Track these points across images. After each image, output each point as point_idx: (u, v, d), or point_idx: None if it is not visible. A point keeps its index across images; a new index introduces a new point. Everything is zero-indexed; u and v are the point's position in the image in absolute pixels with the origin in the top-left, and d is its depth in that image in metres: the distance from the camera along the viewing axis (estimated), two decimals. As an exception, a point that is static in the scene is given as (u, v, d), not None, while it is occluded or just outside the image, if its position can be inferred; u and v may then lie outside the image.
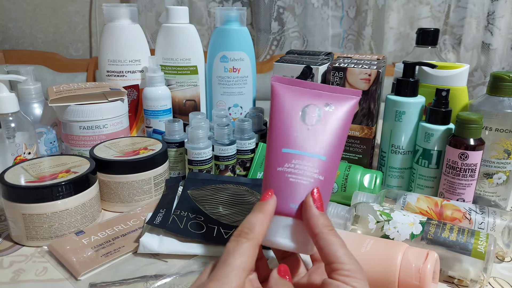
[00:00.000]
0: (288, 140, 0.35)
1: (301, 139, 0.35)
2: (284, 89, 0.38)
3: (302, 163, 0.34)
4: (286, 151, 0.35)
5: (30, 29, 1.55)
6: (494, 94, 0.55)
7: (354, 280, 0.29)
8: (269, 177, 0.35)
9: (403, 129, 0.60)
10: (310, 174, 0.34)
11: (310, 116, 0.36)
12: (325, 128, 0.36)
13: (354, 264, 0.30)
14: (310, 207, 0.33)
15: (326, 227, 0.31)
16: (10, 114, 0.57)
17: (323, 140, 0.35)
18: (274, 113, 0.37)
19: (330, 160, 0.35)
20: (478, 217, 0.48)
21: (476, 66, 1.48)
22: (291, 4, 1.46)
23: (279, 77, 0.38)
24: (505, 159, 0.55)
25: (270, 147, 0.36)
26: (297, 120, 0.36)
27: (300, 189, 0.34)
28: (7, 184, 0.48)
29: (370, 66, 0.62)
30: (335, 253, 0.30)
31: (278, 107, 0.37)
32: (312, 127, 0.36)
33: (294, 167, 0.34)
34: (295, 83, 0.38)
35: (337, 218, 0.51)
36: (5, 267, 0.46)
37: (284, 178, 0.34)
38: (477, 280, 0.42)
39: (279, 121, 0.36)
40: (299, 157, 0.35)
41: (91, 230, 0.50)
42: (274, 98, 0.38)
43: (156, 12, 1.50)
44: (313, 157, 0.35)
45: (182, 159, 0.65)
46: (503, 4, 1.38)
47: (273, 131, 0.36)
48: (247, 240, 0.30)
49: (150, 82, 0.71)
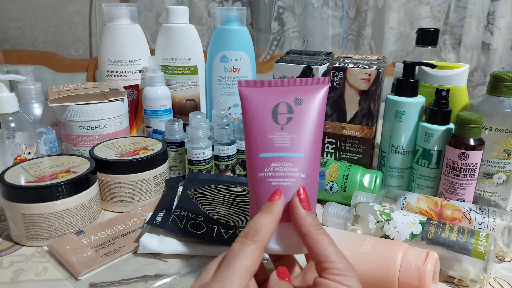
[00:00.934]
0: (264, 144, 0.35)
1: (276, 141, 0.35)
2: (251, 92, 0.37)
3: (281, 164, 0.34)
4: (264, 156, 0.34)
5: (30, 29, 1.55)
6: (494, 94, 0.55)
7: (345, 278, 0.28)
8: (253, 185, 0.35)
9: (403, 129, 0.60)
10: (291, 174, 0.34)
11: (281, 115, 0.35)
12: (298, 124, 0.35)
13: (344, 263, 0.29)
14: (297, 207, 0.32)
15: (313, 227, 0.31)
16: (10, 114, 0.57)
17: (298, 137, 0.35)
18: (246, 119, 0.36)
19: (309, 156, 0.35)
20: (478, 217, 0.48)
21: (476, 66, 1.48)
22: (291, 4, 1.46)
23: (243, 81, 0.38)
24: (505, 159, 0.55)
25: (249, 155, 0.36)
26: (269, 122, 0.35)
27: (284, 191, 0.33)
28: (7, 184, 0.48)
29: (370, 66, 0.62)
30: (324, 252, 0.30)
31: (249, 112, 0.36)
32: (285, 126, 0.35)
33: (274, 170, 0.34)
34: (262, 84, 0.37)
35: (337, 218, 0.51)
36: (5, 267, 0.46)
37: (266, 183, 0.34)
38: (477, 280, 0.42)
39: (252, 126, 0.36)
40: (277, 159, 0.34)
41: (91, 230, 0.50)
42: (244, 103, 0.37)
43: (156, 12, 1.50)
44: (291, 156, 0.34)
45: (182, 159, 0.65)
46: (503, 4, 1.38)
47: (248, 138, 0.36)
48: (252, 242, 0.29)
49: (150, 82, 0.71)
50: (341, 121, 0.65)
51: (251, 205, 0.36)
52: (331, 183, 0.59)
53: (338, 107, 0.65)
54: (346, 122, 0.65)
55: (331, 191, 0.59)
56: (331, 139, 0.67)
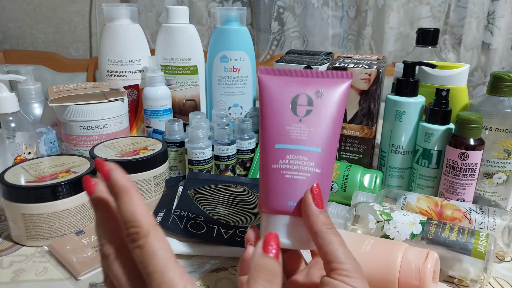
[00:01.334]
0: (280, 135, 0.34)
1: (293, 133, 0.34)
2: (272, 81, 0.36)
3: (297, 157, 0.33)
4: (279, 147, 0.33)
5: (30, 29, 1.55)
6: (494, 94, 0.55)
7: (352, 279, 0.28)
8: (265, 175, 0.34)
9: (403, 129, 0.60)
10: (306, 168, 0.33)
11: (301, 107, 0.34)
12: (317, 118, 0.34)
13: (353, 264, 0.29)
14: (310, 205, 0.32)
15: (325, 226, 0.31)
16: (10, 114, 0.57)
17: (316, 131, 0.34)
18: (263, 107, 0.35)
19: (326, 151, 0.34)
20: (478, 217, 0.48)
21: (476, 66, 1.48)
22: (291, 4, 1.46)
23: (265, 68, 0.36)
24: (505, 159, 0.55)
25: (263, 144, 0.35)
26: (287, 113, 0.34)
27: (296, 186, 0.33)
28: (7, 184, 0.48)
29: (370, 66, 0.62)
30: (334, 252, 0.30)
31: (267, 101, 0.35)
32: (303, 118, 0.34)
33: (289, 163, 0.33)
34: (283, 73, 0.36)
35: (337, 218, 0.51)
36: (5, 267, 0.46)
37: (279, 176, 0.33)
38: (477, 280, 0.42)
39: (269, 116, 0.35)
40: (293, 151, 0.33)
41: (91, 230, 0.50)
42: (263, 92, 0.36)
43: (156, 12, 1.50)
44: (307, 149, 0.33)
45: (182, 159, 0.65)
46: (503, 4, 1.38)
47: (264, 127, 0.35)
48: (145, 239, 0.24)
49: (150, 82, 0.71)
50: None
51: (261, 195, 0.34)
52: (331, 183, 0.59)
53: (338, 107, 0.65)
54: (346, 122, 0.65)
55: (331, 191, 0.59)
56: (331, 139, 0.67)
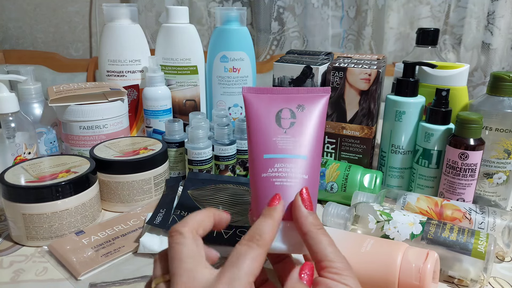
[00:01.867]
0: (267, 146, 0.36)
1: (280, 143, 0.36)
2: (256, 98, 0.39)
3: (285, 165, 0.35)
4: (268, 157, 0.36)
5: (30, 29, 1.54)
6: (494, 94, 0.55)
7: (343, 277, 0.29)
8: (256, 184, 0.36)
9: (403, 129, 0.60)
10: (294, 174, 0.35)
11: (285, 120, 0.37)
12: (301, 129, 0.37)
13: (343, 262, 0.30)
14: (299, 207, 0.33)
15: (314, 226, 0.32)
16: (10, 114, 0.57)
17: (301, 140, 0.36)
18: (250, 122, 0.38)
19: (311, 158, 0.36)
20: (478, 217, 0.48)
21: (476, 66, 1.48)
22: (291, 4, 1.46)
23: (248, 87, 0.40)
24: (505, 159, 0.55)
25: (252, 155, 0.37)
26: (273, 126, 0.37)
27: (287, 191, 0.34)
28: (7, 184, 0.48)
29: (370, 66, 0.62)
30: (323, 251, 0.30)
31: (253, 115, 0.38)
32: (288, 130, 0.37)
33: (278, 171, 0.35)
34: (266, 91, 0.39)
35: (337, 218, 0.51)
36: (5, 267, 0.46)
37: (269, 183, 0.35)
38: (477, 280, 0.42)
39: (256, 129, 0.37)
40: (281, 160, 0.36)
41: (91, 230, 0.50)
42: (248, 108, 0.39)
43: (156, 12, 1.50)
44: (294, 157, 0.36)
45: (182, 159, 0.65)
46: (503, 4, 1.38)
47: (252, 140, 0.37)
48: (258, 246, 0.29)
49: (150, 82, 0.71)
50: (341, 121, 0.65)
51: (252, 205, 0.36)
52: (331, 183, 0.59)
53: (338, 107, 0.65)
54: (346, 122, 0.65)
55: (331, 191, 0.59)
56: (331, 139, 0.67)
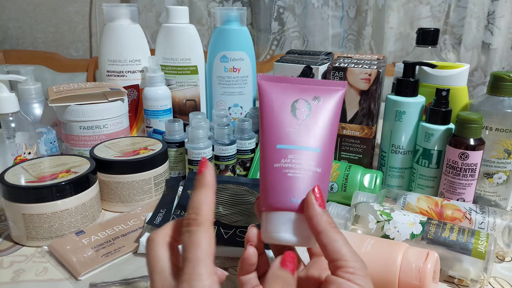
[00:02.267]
0: (281, 136, 0.35)
1: (294, 134, 0.35)
2: (271, 87, 0.38)
3: (298, 157, 0.34)
4: (281, 147, 0.35)
5: (30, 29, 1.55)
6: (494, 94, 0.55)
7: (358, 277, 0.29)
8: (267, 174, 0.35)
9: (403, 129, 0.60)
10: (308, 167, 0.34)
11: (300, 111, 0.36)
12: (316, 121, 0.36)
13: (358, 261, 0.29)
14: (313, 204, 0.32)
15: (329, 224, 0.31)
16: (10, 114, 0.57)
17: (315, 133, 0.36)
18: (264, 110, 0.37)
19: (325, 151, 0.35)
20: (478, 217, 0.48)
21: (476, 66, 1.48)
22: (291, 4, 1.46)
23: (264, 75, 0.38)
24: (505, 158, 0.55)
25: (264, 145, 0.36)
26: (288, 116, 0.36)
27: (299, 183, 0.34)
28: (7, 184, 0.48)
29: (370, 66, 0.62)
30: (339, 251, 0.30)
31: (268, 104, 0.37)
32: (303, 121, 0.36)
33: (291, 162, 0.34)
34: (281, 80, 0.38)
35: (337, 218, 0.51)
36: (5, 267, 0.46)
37: (282, 174, 0.34)
38: (477, 280, 0.42)
39: (270, 118, 0.36)
40: (294, 151, 0.35)
41: (91, 230, 0.50)
42: (263, 96, 0.37)
43: (156, 12, 1.50)
44: (308, 150, 0.35)
45: (182, 159, 0.65)
46: (503, 4, 1.38)
47: (265, 129, 0.36)
48: (198, 227, 0.28)
49: (150, 82, 0.71)
50: (341, 121, 0.65)
51: (261, 195, 0.35)
52: (331, 183, 0.59)
53: (338, 107, 0.65)
54: (346, 122, 0.65)
55: (331, 191, 0.59)
56: (331, 139, 0.67)
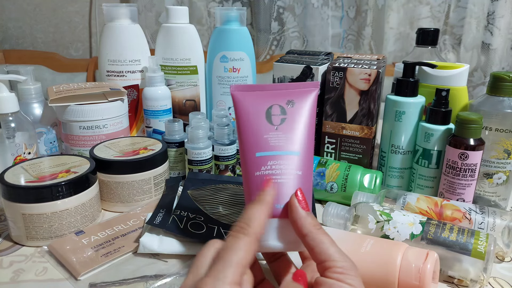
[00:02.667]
0: (259, 144, 0.36)
1: (271, 140, 0.36)
2: (244, 96, 0.38)
3: (278, 162, 0.35)
4: (260, 155, 0.35)
5: (30, 29, 1.54)
6: (494, 94, 0.55)
7: (347, 277, 0.28)
8: (249, 183, 0.35)
9: (403, 129, 0.60)
10: (288, 171, 0.35)
11: (275, 116, 0.37)
12: (292, 125, 0.36)
13: (347, 261, 0.30)
14: (296, 208, 0.32)
15: (314, 227, 0.31)
16: (10, 114, 0.57)
17: (292, 136, 0.36)
18: (240, 120, 0.37)
19: (304, 154, 0.36)
20: (478, 217, 0.48)
21: (476, 66, 1.48)
22: (291, 4, 1.46)
23: (236, 85, 0.39)
24: (505, 159, 0.55)
25: (244, 154, 0.36)
26: (263, 123, 0.36)
27: (281, 188, 0.34)
28: (7, 184, 0.48)
29: (370, 66, 0.62)
30: (326, 251, 0.30)
31: (243, 113, 0.37)
32: (279, 126, 0.36)
33: (271, 168, 0.35)
34: (254, 88, 0.39)
35: (337, 218, 0.51)
36: (5, 267, 0.46)
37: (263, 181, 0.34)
38: (477, 280, 0.42)
39: (247, 127, 0.37)
40: (274, 157, 0.35)
41: (91, 230, 0.50)
42: (237, 106, 0.38)
43: (156, 12, 1.50)
44: (287, 154, 0.35)
45: (182, 159, 0.65)
46: (503, 4, 1.38)
47: (243, 138, 0.37)
48: (244, 236, 0.29)
49: (150, 82, 0.71)
50: (341, 121, 0.65)
51: (247, 203, 0.36)
52: (331, 183, 0.59)
53: (338, 107, 0.65)
54: (346, 122, 0.65)
55: (331, 191, 0.59)
56: (331, 139, 0.67)
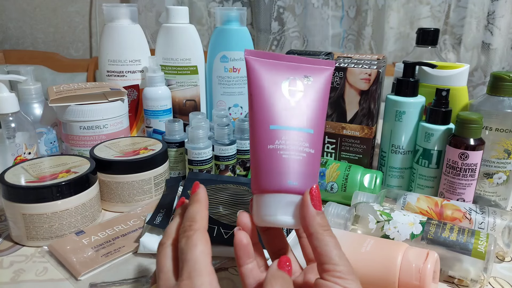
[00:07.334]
0: (274, 117, 0.34)
1: (287, 115, 0.34)
2: (261, 64, 0.36)
3: (292, 138, 0.34)
4: (274, 128, 0.34)
5: (30, 29, 1.55)
6: (494, 94, 0.55)
7: (345, 281, 0.29)
8: (260, 155, 0.34)
9: (403, 129, 0.60)
10: (302, 148, 0.33)
11: (292, 90, 0.35)
12: (308, 101, 0.35)
13: (346, 265, 0.30)
14: (308, 205, 0.32)
15: (321, 227, 0.31)
16: (10, 114, 0.57)
17: (308, 113, 0.35)
18: (254, 89, 0.35)
19: (317, 132, 0.35)
20: (478, 217, 0.48)
21: (476, 66, 1.48)
22: (291, 4, 1.46)
23: (252, 50, 0.36)
24: (505, 159, 0.55)
25: (256, 125, 0.35)
26: (279, 95, 0.35)
27: (295, 165, 0.33)
28: (7, 184, 0.48)
29: (370, 66, 0.62)
30: (328, 254, 0.30)
31: (258, 83, 0.35)
32: (295, 101, 0.35)
33: (285, 143, 0.33)
34: (270, 56, 0.36)
35: (337, 218, 0.51)
36: (5, 267, 0.46)
37: (276, 156, 0.33)
38: (477, 280, 0.42)
39: (262, 98, 0.35)
40: (289, 132, 0.34)
41: (91, 230, 0.50)
42: (252, 74, 0.35)
43: (156, 12, 1.50)
44: (302, 131, 0.34)
45: (182, 159, 0.65)
46: (503, 4, 1.39)
47: (256, 109, 0.35)
48: (195, 231, 0.30)
49: (150, 82, 0.71)
50: (341, 121, 0.65)
51: (254, 179, 0.34)
52: (331, 183, 0.59)
53: (338, 107, 0.65)
54: (346, 122, 0.65)
55: (331, 191, 0.59)
56: (331, 139, 0.67)
